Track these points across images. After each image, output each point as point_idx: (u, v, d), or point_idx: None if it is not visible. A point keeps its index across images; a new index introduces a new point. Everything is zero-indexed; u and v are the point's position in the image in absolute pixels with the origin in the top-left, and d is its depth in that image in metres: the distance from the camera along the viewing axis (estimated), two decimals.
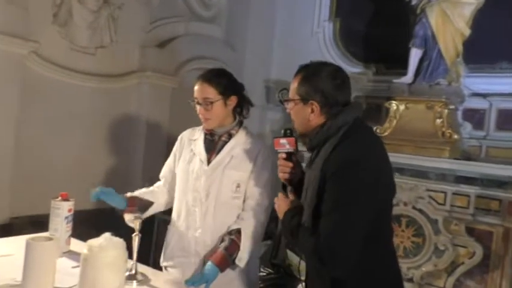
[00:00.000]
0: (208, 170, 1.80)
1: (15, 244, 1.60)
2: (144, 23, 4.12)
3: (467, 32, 3.53)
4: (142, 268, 1.58)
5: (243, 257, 1.74)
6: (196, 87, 1.82)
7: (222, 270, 1.68)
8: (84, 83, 3.61)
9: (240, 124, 1.90)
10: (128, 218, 1.85)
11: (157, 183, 2.02)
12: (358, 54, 4.52)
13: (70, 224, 1.69)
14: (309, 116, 1.48)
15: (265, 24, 4.95)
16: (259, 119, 4.98)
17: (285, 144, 1.58)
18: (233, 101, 1.84)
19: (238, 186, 1.80)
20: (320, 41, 4.73)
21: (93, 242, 1.16)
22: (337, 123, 1.43)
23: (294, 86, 1.52)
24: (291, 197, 1.56)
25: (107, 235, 1.18)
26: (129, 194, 1.86)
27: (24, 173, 3.16)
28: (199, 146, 1.86)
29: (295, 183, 1.61)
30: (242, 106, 1.89)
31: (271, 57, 5.03)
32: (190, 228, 1.80)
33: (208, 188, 1.78)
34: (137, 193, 1.91)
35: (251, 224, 1.77)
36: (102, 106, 3.74)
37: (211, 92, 1.79)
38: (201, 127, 1.92)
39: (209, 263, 1.67)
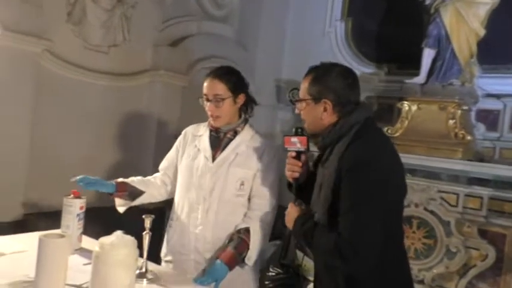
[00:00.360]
0: (213, 167, 1.80)
1: (29, 241, 1.62)
2: (156, 22, 4.14)
3: (482, 32, 3.49)
4: (153, 266, 1.59)
5: (252, 255, 1.75)
6: (206, 84, 1.82)
7: (231, 268, 1.68)
8: (97, 81, 3.64)
9: (246, 122, 1.90)
10: (119, 203, 1.87)
11: (155, 174, 2.01)
12: (370, 54, 4.50)
13: (82, 222, 1.70)
14: (321, 114, 1.49)
15: (277, 24, 4.94)
16: (270, 118, 4.97)
17: (295, 143, 1.59)
18: (241, 99, 1.85)
19: (242, 184, 1.80)
20: (332, 40, 4.72)
21: (105, 239, 1.17)
22: (350, 121, 1.46)
23: (304, 86, 1.54)
24: (298, 204, 1.57)
25: (118, 233, 1.19)
26: (119, 180, 1.87)
27: (38, 170, 3.19)
28: (205, 143, 1.85)
29: (301, 183, 1.62)
30: (247, 104, 1.90)
31: (282, 57, 5.02)
32: (192, 225, 1.80)
33: (212, 185, 1.78)
34: (129, 180, 1.91)
35: (259, 223, 1.78)
36: (114, 104, 3.77)
37: (222, 89, 1.80)
38: (205, 123, 1.92)
39: (218, 261, 1.67)
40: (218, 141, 1.85)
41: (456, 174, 3.34)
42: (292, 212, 1.54)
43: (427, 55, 3.64)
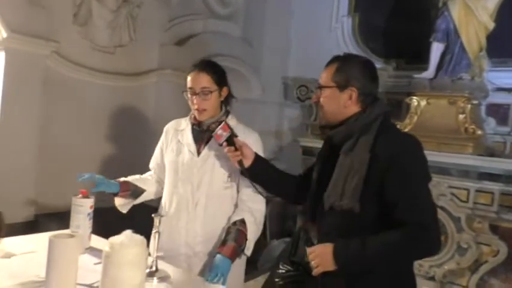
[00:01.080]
0: (199, 161, 1.79)
1: (39, 241, 1.62)
2: (162, 21, 4.15)
3: (491, 25, 3.45)
4: (163, 265, 1.59)
5: (250, 246, 1.77)
6: (191, 77, 1.80)
7: (233, 261, 1.69)
8: (104, 82, 3.66)
9: (227, 114, 1.88)
10: (119, 202, 1.88)
11: (149, 173, 2.02)
12: (377, 49, 4.46)
13: (91, 221, 1.71)
14: (345, 102, 1.51)
15: (283, 21, 4.92)
16: (277, 116, 4.97)
17: (221, 134, 1.66)
18: (225, 91, 1.84)
19: (229, 176, 1.80)
20: (339, 36, 4.69)
21: (115, 239, 1.17)
22: (375, 111, 1.49)
23: (328, 74, 1.54)
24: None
25: (128, 232, 1.19)
26: (122, 179, 1.88)
27: (47, 170, 3.22)
28: (188, 137, 1.85)
29: (252, 165, 1.67)
30: (228, 98, 1.88)
31: (288, 54, 5.00)
32: (181, 220, 1.79)
33: (199, 179, 1.77)
34: (130, 179, 1.93)
35: (253, 214, 1.78)
36: (121, 104, 3.79)
37: (209, 81, 1.79)
38: (186, 118, 1.92)
39: (220, 256, 1.67)
40: (201, 135, 1.84)
41: (466, 170, 3.31)
42: (323, 252, 1.43)
43: (436, 49, 3.61)
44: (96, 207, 1.74)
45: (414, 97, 3.68)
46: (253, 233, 1.77)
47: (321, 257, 1.43)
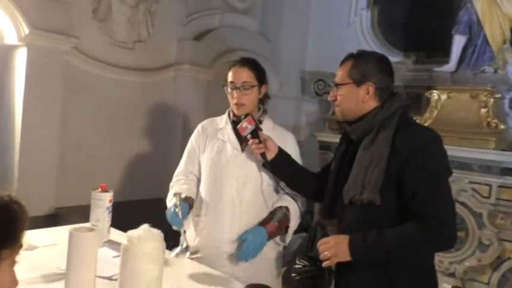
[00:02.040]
0: (243, 157, 1.79)
1: (60, 234, 1.66)
2: (180, 16, 4.16)
3: None
4: (203, 268, 1.62)
5: (289, 235, 1.77)
6: (233, 72, 1.81)
7: (269, 239, 1.70)
8: (123, 77, 3.69)
9: (265, 113, 1.88)
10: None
11: (190, 177, 1.92)
12: (397, 43, 4.39)
13: (110, 214, 1.73)
14: (362, 98, 1.51)
15: (300, 14, 4.88)
16: (295, 111, 4.94)
17: (246, 126, 1.68)
18: (264, 89, 1.85)
19: None
20: (357, 30, 4.62)
21: (133, 233, 1.18)
22: (394, 106, 1.48)
23: (344, 71, 1.54)
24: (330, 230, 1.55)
25: (145, 226, 1.20)
26: (183, 196, 1.73)
27: (68, 165, 3.28)
28: (229, 134, 1.83)
29: (275, 159, 1.69)
30: (264, 97, 1.88)
31: (306, 49, 4.96)
32: (225, 218, 1.77)
33: (245, 175, 1.76)
34: (186, 192, 1.80)
35: (296, 206, 1.78)
36: (140, 99, 3.82)
37: (250, 76, 1.80)
38: (222, 116, 1.91)
39: (260, 228, 1.68)
40: None
41: (488, 165, 3.25)
42: (339, 242, 1.43)
43: (458, 42, 3.53)
44: (115, 201, 1.76)
45: (434, 91, 3.61)
46: (294, 222, 1.76)
47: (335, 247, 1.42)
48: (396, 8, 4.38)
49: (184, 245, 1.62)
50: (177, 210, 1.63)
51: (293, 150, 1.82)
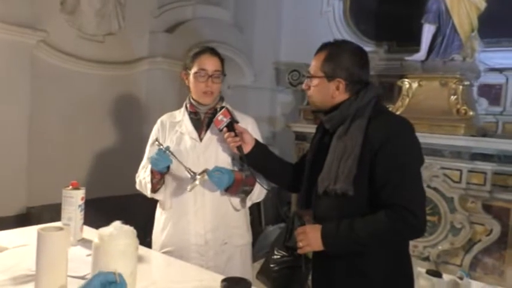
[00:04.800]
0: (202, 147, 1.79)
1: (31, 234, 1.61)
2: (152, 8, 4.08)
3: (482, 5, 3.43)
4: (171, 260, 1.60)
5: (253, 196, 1.79)
6: (204, 59, 1.79)
7: (231, 187, 1.72)
8: (94, 71, 3.61)
9: (222, 100, 1.88)
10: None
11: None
12: (369, 32, 4.44)
13: (83, 212, 1.70)
14: (333, 92, 1.51)
15: (273, 5, 4.87)
16: (270, 101, 4.95)
17: (222, 119, 1.68)
18: (224, 77, 1.85)
19: (233, 159, 1.80)
20: (330, 20, 4.65)
21: (104, 231, 1.16)
22: (368, 95, 1.49)
23: (317, 62, 1.54)
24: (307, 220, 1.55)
25: (117, 224, 1.18)
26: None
27: (38, 162, 3.19)
28: (188, 126, 1.84)
29: (252, 152, 1.69)
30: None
31: (280, 39, 4.96)
32: (189, 209, 1.78)
33: (205, 164, 1.75)
34: None
35: (261, 179, 1.78)
36: (112, 93, 3.75)
37: (220, 65, 1.81)
38: (180, 110, 1.91)
39: (229, 170, 1.71)
40: (200, 123, 1.84)
41: (459, 151, 3.33)
42: (311, 231, 1.46)
43: (427, 31, 3.59)
44: (88, 198, 1.73)
45: (406, 79, 3.67)
46: (257, 191, 1.78)
47: (309, 236, 1.45)
48: None
49: (192, 173, 1.65)
50: (163, 149, 1.67)
51: (254, 135, 1.82)
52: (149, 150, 1.91)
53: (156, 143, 1.73)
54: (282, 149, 4.35)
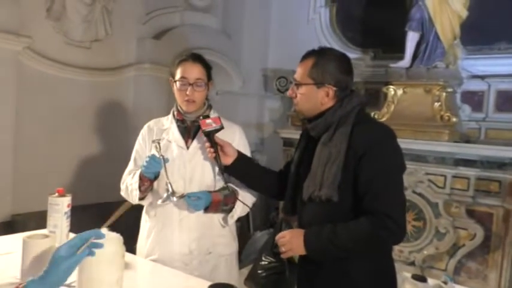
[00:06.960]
0: (189, 155, 1.79)
1: (16, 242, 1.60)
2: (139, 14, 4.08)
3: (464, 13, 3.50)
4: (157, 267, 1.59)
5: (234, 215, 1.78)
6: (186, 67, 1.78)
7: (209, 208, 1.72)
8: (81, 78, 3.59)
9: (210, 108, 1.88)
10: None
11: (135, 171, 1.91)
12: (355, 39, 4.50)
13: (69, 220, 1.69)
14: (321, 99, 1.52)
15: (261, 12, 4.91)
16: (258, 108, 4.97)
17: (211, 123, 1.67)
18: (211, 85, 1.85)
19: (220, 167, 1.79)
20: (316, 27, 4.70)
21: None
22: (353, 102, 1.51)
23: (304, 69, 1.54)
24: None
25: (103, 231, 1.18)
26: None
27: (24, 169, 3.16)
28: (175, 133, 1.84)
29: (235, 163, 1.70)
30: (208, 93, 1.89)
31: (268, 46, 5.00)
32: (174, 217, 1.78)
33: (191, 173, 1.76)
34: None
35: (245, 194, 1.80)
36: (100, 100, 3.73)
37: (202, 73, 1.80)
38: (167, 116, 1.91)
39: (207, 192, 1.71)
40: (187, 131, 1.84)
41: (443, 156, 3.38)
42: (294, 236, 1.49)
43: (411, 38, 3.65)
44: (74, 205, 1.72)
45: (391, 86, 3.72)
46: (239, 209, 1.78)
47: (291, 241, 1.47)
48: (353, 5, 4.48)
49: (170, 190, 1.65)
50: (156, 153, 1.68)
51: (241, 142, 1.84)
52: (135, 155, 1.92)
53: (155, 144, 1.72)
54: (270, 155, 4.37)
